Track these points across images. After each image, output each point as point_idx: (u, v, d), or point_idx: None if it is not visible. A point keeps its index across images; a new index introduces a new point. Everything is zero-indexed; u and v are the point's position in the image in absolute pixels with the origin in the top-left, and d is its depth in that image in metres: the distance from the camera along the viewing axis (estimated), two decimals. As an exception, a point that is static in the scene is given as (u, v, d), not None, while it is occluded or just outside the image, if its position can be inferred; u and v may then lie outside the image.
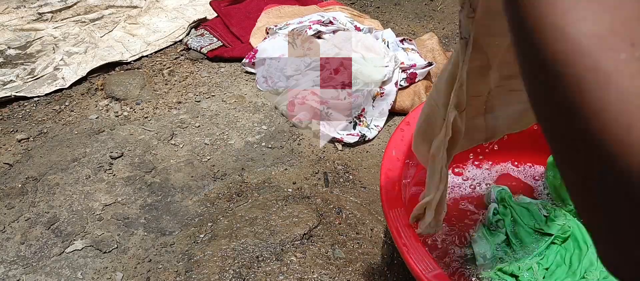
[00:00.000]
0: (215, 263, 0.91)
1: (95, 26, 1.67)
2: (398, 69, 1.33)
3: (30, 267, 0.90)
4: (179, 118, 1.30)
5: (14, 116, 1.31)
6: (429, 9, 1.97)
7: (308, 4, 1.81)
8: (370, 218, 1.00)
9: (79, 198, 1.05)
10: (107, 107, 1.34)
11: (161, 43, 1.62)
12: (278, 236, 0.96)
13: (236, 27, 1.66)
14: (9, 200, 1.04)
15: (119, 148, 1.18)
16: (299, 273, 0.89)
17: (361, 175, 1.12)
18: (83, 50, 1.55)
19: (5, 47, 1.47)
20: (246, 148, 1.20)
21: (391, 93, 1.29)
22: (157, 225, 0.99)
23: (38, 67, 1.46)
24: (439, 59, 1.44)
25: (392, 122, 1.31)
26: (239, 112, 1.32)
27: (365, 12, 1.87)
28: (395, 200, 0.69)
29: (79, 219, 1.00)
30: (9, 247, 0.94)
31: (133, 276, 0.89)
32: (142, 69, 1.51)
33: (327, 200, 1.05)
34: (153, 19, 1.74)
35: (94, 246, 0.94)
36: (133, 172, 1.12)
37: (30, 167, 1.13)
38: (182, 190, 1.07)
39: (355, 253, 0.93)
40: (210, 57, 1.55)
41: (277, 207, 1.03)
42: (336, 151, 1.19)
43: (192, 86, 1.42)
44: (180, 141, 1.21)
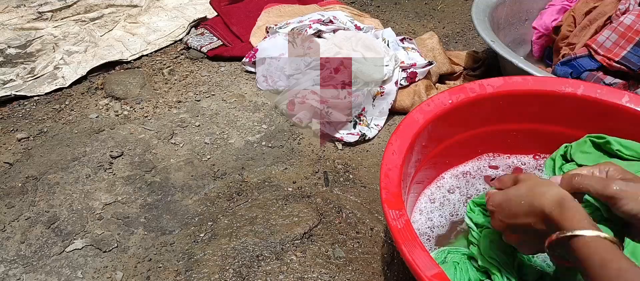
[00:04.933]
0: (215, 262, 0.91)
1: (95, 25, 1.67)
2: (398, 68, 1.33)
3: (30, 266, 0.90)
4: (179, 117, 1.30)
5: (14, 115, 1.31)
6: (429, 8, 1.97)
7: (308, 3, 1.81)
8: (370, 218, 1.00)
9: (79, 198, 1.05)
10: (107, 106, 1.34)
11: (161, 42, 1.62)
12: (278, 235, 0.96)
13: (236, 26, 1.66)
14: (9, 199, 1.04)
15: (119, 147, 1.18)
16: (299, 272, 0.89)
17: (361, 175, 1.12)
18: (83, 50, 1.55)
19: (5, 46, 1.47)
20: (246, 147, 1.20)
21: (391, 92, 1.29)
22: (157, 224, 0.99)
23: (38, 66, 1.46)
24: (439, 58, 1.44)
25: (392, 121, 1.31)
26: (239, 111, 1.32)
27: (366, 11, 1.86)
28: (395, 199, 0.68)
29: (79, 218, 1.00)
30: (9, 246, 0.94)
31: (133, 276, 0.89)
32: (142, 68, 1.51)
33: (327, 199, 1.05)
34: (153, 18, 1.74)
35: (94, 245, 0.94)
36: (133, 171, 1.12)
37: (30, 166, 1.13)
38: (182, 189, 1.07)
39: (355, 253, 0.93)
40: (211, 56, 1.55)
41: (277, 206, 1.03)
42: (336, 150, 1.19)
43: (192, 85, 1.42)
44: (180, 140, 1.21)
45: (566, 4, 1.44)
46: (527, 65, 1.13)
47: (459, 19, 1.90)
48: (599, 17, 1.29)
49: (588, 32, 1.29)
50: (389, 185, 0.70)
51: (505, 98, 0.90)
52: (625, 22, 1.17)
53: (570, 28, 1.36)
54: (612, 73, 1.19)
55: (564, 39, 1.37)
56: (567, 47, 1.35)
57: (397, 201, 0.68)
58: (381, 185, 0.71)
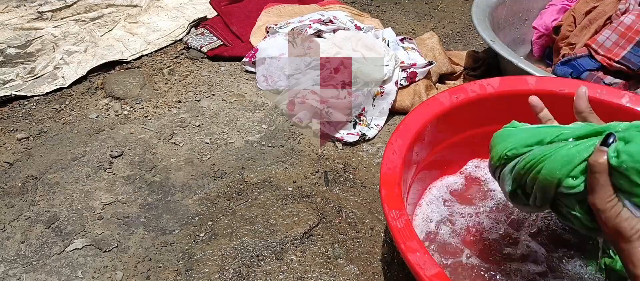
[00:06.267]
0: (215, 262, 0.91)
1: (95, 25, 1.67)
2: (398, 67, 1.33)
3: (30, 266, 0.90)
4: (179, 117, 1.30)
5: (14, 115, 1.31)
6: (429, 8, 1.97)
7: (308, 2, 1.80)
8: (370, 217, 1.00)
9: (79, 197, 1.05)
10: (107, 106, 1.34)
11: (161, 42, 1.62)
12: (278, 235, 0.96)
13: (236, 26, 1.66)
14: (9, 199, 1.04)
15: (119, 147, 1.18)
16: (299, 272, 0.89)
17: (361, 174, 1.12)
18: (83, 49, 1.55)
19: (5, 46, 1.47)
20: (246, 147, 1.20)
21: (391, 92, 1.29)
22: (157, 224, 0.99)
23: (38, 66, 1.46)
24: (440, 57, 1.44)
25: (392, 121, 1.31)
26: (239, 111, 1.32)
27: (366, 11, 1.86)
28: (395, 199, 0.68)
29: (79, 218, 1.00)
30: (9, 246, 0.94)
31: (133, 275, 0.89)
32: (142, 67, 1.51)
33: (327, 199, 1.05)
34: (153, 17, 1.74)
35: (94, 245, 0.94)
36: (133, 171, 1.12)
37: (30, 166, 1.13)
38: (182, 189, 1.07)
39: (356, 252, 0.93)
40: (210, 56, 1.55)
41: (277, 206, 1.03)
42: (336, 150, 1.19)
43: (192, 85, 1.42)
44: (181, 140, 1.21)
45: (566, 3, 1.44)
46: (527, 65, 1.13)
47: (459, 18, 1.90)
48: (599, 17, 1.29)
49: (588, 31, 1.29)
50: (388, 185, 0.70)
51: (506, 98, 0.90)
52: (626, 22, 1.17)
53: (570, 28, 1.36)
54: (612, 73, 1.19)
55: (564, 39, 1.37)
56: (567, 46, 1.35)
57: (397, 201, 0.68)
58: (381, 185, 0.71)
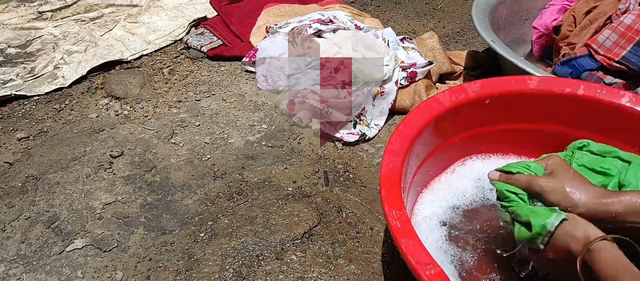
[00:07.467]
0: (215, 261, 0.91)
1: (95, 25, 1.67)
2: (398, 67, 1.33)
3: (30, 266, 0.90)
4: (179, 117, 1.30)
5: (14, 115, 1.31)
6: (429, 8, 1.97)
7: (308, 2, 1.80)
8: (370, 217, 1.01)
9: (79, 197, 1.05)
10: (107, 106, 1.34)
11: (161, 42, 1.62)
12: (278, 235, 0.96)
13: (236, 26, 1.66)
14: (9, 198, 1.04)
15: (119, 147, 1.18)
16: (299, 272, 0.89)
17: (361, 174, 1.12)
18: (83, 49, 1.55)
19: (5, 46, 1.47)
20: (246, 147, 1.20)
21: (391, 92, 1.29)
22: (157, 224, 0.99)
23: (38, 65, 1.46)
24: (439, 57, 1.44)
25: (392, 121, 1.31)
26: (239, 110, 1.32)
27: (366, 11, 1.86)
28: (395, 199, 0.68)
29: (79, 218, 1.00)
30: (9, 246, 0.94)
31: (133, 275, 0.89)
32: (142, 67, 1.51)
33: (327, 199, 1.05)
34: (153, 17, 1.74)
35: (94, 245, 0.94)
36: (133, 171, 1.12)
37: (31, 166, 1.13)
38: (182, 189, 1.07)
39: (356, 252, 0.93)
40: (211, 55, 1.55)
41: (277, 206, 1.03)
42: (336, 150, 1.19)
43: (192, 85, 1.42)
44: (181, 140, 1.21)
45: (566, 3, 1.44)
46: (527, 65, 1.13)
47: (459, 18, 1.90)
48: (599, 17, 1.29)
49: (588, 31, 1.29)
50: (388, 185, 0.70)
51: (506, 98, 0.90)
52: (626, 22, 1.17)
53: (570, 28, 1.36)
54: (612, 73, 1.19)
55: (564, 39, 1.37)
56: (567, 46, 1.34)
57: (397, 201, 0.68)
58: (381, 185, 0.71)
